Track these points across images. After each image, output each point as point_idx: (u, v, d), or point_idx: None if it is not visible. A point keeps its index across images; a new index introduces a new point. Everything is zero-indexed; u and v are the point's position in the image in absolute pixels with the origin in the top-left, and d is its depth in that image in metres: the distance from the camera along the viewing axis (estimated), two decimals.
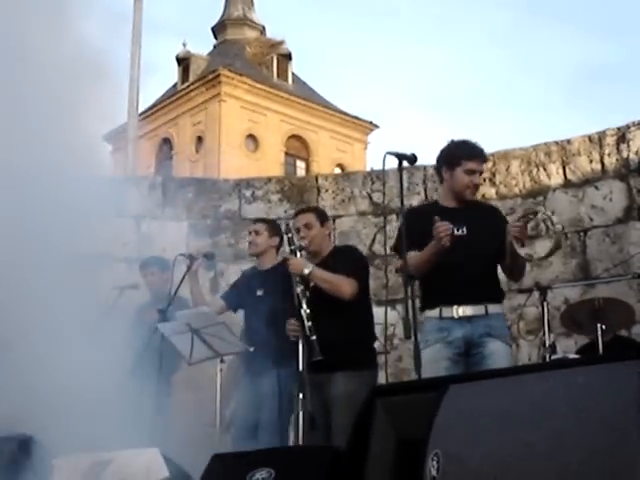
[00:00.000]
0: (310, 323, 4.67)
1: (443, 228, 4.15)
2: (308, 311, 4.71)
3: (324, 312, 4.75)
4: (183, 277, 5.90)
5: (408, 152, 4.19)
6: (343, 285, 4.88)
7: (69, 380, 6.01)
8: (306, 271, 4.82)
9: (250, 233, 5.86)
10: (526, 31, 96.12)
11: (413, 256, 4.27)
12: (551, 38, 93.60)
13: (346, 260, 5.09)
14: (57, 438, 4.85)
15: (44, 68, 5.49)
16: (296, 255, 4.96)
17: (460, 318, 4.32)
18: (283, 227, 5.29)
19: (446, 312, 4.35)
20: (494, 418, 2.68)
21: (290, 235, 5.03)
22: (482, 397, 2.77)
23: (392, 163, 4.26)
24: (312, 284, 4.89)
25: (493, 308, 4.38)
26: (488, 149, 4.88)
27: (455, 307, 4.33)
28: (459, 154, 4.56)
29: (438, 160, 4.69)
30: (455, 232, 4.28)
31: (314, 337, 4.63)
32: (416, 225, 4.32)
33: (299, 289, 4.80)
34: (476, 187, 4.60)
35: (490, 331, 4.32)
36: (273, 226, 5.94)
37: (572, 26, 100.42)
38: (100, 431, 5.54)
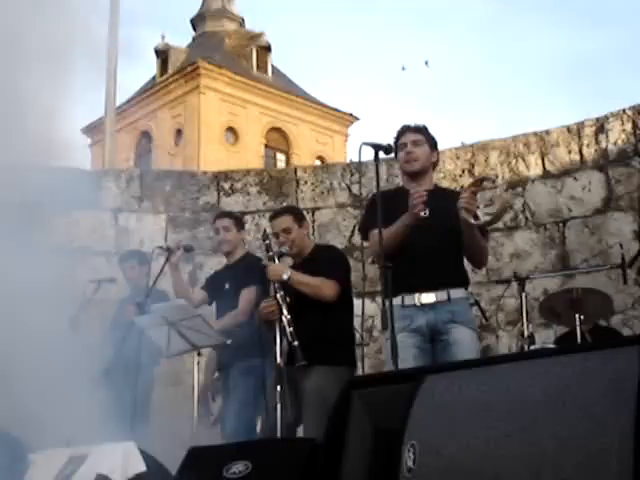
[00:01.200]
0: (292, 329, 4.63)
1: (418, 195, 4.13)
2: (289, 317, 4.67)
3: (301, 310, 4.73)
4: (161, 270, 5.87)
5: (384, 142, 4.16)
6: (324, 288, 4.85)
7: (46, 376, 6.00)
8: (285, 277, 4.78)
9: (218, 230, 5.84)
10: (506, 23, 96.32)
11: (384, 231, 4.15)
12: (531, 30, 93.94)
13: (327, 261, 5.05)
14: (34, 433, 4.83)
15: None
16: (274, 261, 4.92)
17: (423, 305, 4.26)
18: (261, 234, 5.28)
19: (408, 300, 4.29)
20: (470, 408, 2.66)
21: (267, 242, 5.00)
22: (458, 387, 2.75)
23: (370, 154, 4.24)
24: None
25: (455, 293, 4.30)
26: (468, 140, 4.90)
27: (417, 294, 4.28)
28: (396, 137, 4.63)
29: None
30: (423, 214, 4.22)
31: (296, 343, 4.59)
32: (382, 205, 4.20)
33: (279, 295, 4.75)
34: (410, 154, 4.52)
35: (454, 317, 4.25)
36: (238, 219, 6.03)
37: (551, 17, 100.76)
38: (78, 426, 5.53)
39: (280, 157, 40.51)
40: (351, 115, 43.23)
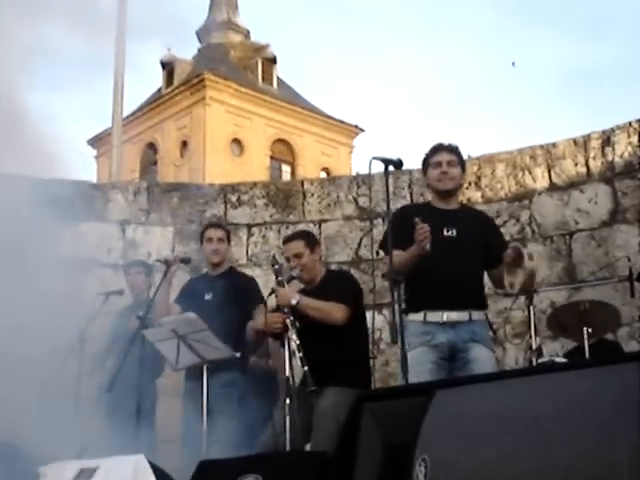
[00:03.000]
0: (301, 354, 4.64)
1: (422, 231, 4.15)
2: (298, 342, 4.68)
3: (315, 333, 4.76)
4: (160, 282, 5.90)
5: (394, 157, 4.19)
6: (333, 312, 4.84)
7: (51, 388, 6.02)
8: (294, 302, 4.80)
9: (212, 240, 5.95)
10: (510, 35, 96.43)
11: (397, 255, 4.24)
12: (535, 40, 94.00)
13: (338, 286, 5.06)
14: (42, 446, 4.84)
15: None
16: (283, 286, 4.93)
17: (444, 323, 4.32)
18: (270, 259, 5.32)
19: (430, 317, 4.34)
20: (481, 423, 2.67)
21: (277, 266, 5.02)
22: (469, 402, 2.76)
23: (378, 168, 4.27)
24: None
25: (477, 315, 4.40)
26: (474, 153, 4.95)
27: (440, 312, 4.33)
28: (426, 156, 4.71)
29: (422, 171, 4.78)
30: (445, 232, 4.34)
31: (306, 368, 4.60)
32: (403, 225, 4.33)
33: (288, 320, 4.75)
34: (445, 174, 4.60)
35: (474, 337, 4.34)
36: (229, 232, 6.21)
37: (556, 29, 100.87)
38: (85, 439, 5.54)
39: (285, 169, 40.55)
40: (356, 127, 43.28)
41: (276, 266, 5.02)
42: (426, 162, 4.67)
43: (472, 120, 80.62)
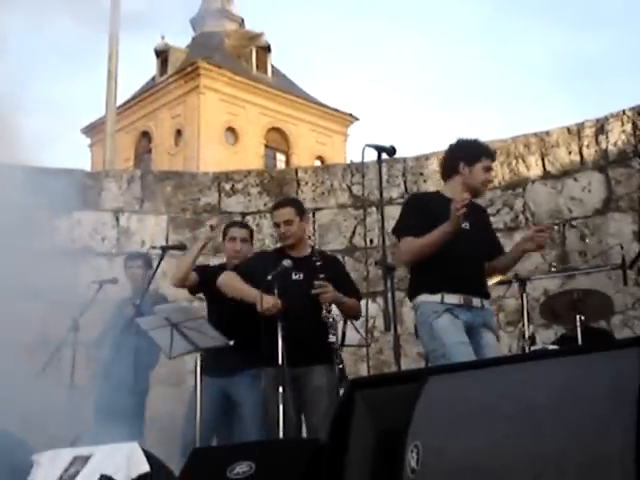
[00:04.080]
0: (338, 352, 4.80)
1: (462, 198, 4.23)
2: (339, 339, 4.89)
3: (308, 313, 4.84)
4: (155, 269, 5.90)
5: (387, 144, 4.19)
6: (358, 310, 5.11)
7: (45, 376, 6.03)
8: (344, 299, 4.98)
9: (234, 239, 5.76)
10: (503, 24, 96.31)
11: (418, 239, 4.38)
12: (529, 31, 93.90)
13: (348, 281, 5.24)
14: (36, 434, 4.85)
15: None
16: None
17: (461, 305, 4.38)
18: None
19: (449, 298, 4.38)
20: (473, 409, 2.68)
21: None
22: (461, 388, 2.77)
23: (371, 155, 4.28)
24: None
25: (487, 303, 4.53)
26: None
27: (458, 295, 4.39)
28: (479, 151, 4.72)
29: (454, 155, 4.75)
30: (464, 225, 4.38)
31: (341, 365, 4.72)
32: (418, 212, 4.50)
33: (335, 316, 4.87)
34: (489, 182, 4.87)
35: (487, 323, 4.46)
36: (252, 232, 6.07)
37: (549, 19, 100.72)
38: (78, 427, 5.55)
39: (280, 157, 40.51)
40: (351, 115, 43.24)
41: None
42: (477, 157, 4.67)
43: (466, 109, 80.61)
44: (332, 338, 4.80)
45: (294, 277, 5.00)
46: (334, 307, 4.92)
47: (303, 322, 4.82)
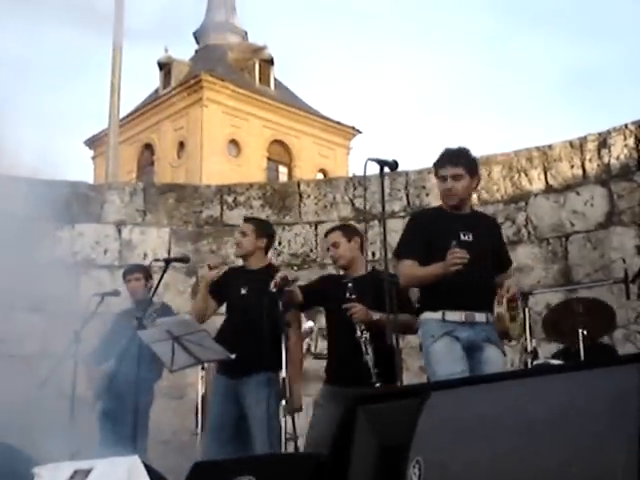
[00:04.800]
0: (376, 370, 4.71)
1: (460, 255, 4.17)
2: (373, 357, 4.76)
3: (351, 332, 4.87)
4: (158, 282, 5.89)
5: (390, 158, 4.19)
6: (413, 325, 4.84)
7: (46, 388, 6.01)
8: (375, 317, 4.80)
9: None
10: (506, 37, 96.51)
11: (413, 266, 4.39)
12: (531, 44, 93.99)
13: (406, 297, 5.00)
14: (37, 447, 4.84)
15: None
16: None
17: (464, 323, 4.33)
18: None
19: (450, 316, 4.34)
20: (475, 425, 2.67)
21: (350, 285, 4.99)
22: (463, 403, 2.76)
23: (374, 169, 4.27)
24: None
25: (491, 317, 4.38)
26: None
27: (460, 312, 4.34)
28: (436, 162, 4.62)
29: None
30: (462, 237, 4.35)
31: (378, 384, 4.66)
32: (419, 233, 4.48)
33: (364, 337, 4.82)
34: (449, 191, 4.52)
35: (490, 337, 4.37)
36: (261, 226, 5.85)
37: (553, 31, 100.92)
38: (80, 440, 5.53)
39: (282, 170, 40.54)
40: (353, 128, 43.28)
41: (349, 284, 5.00)
42: (435, 170, 4.62)
43: (469, 122, 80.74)
44: (365, 357, 4.78)
45: (347, 296, 4.99)
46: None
47: (346, 341, 4.89)
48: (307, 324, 6.03)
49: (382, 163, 4.15)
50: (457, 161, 4.52)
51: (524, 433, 2.54)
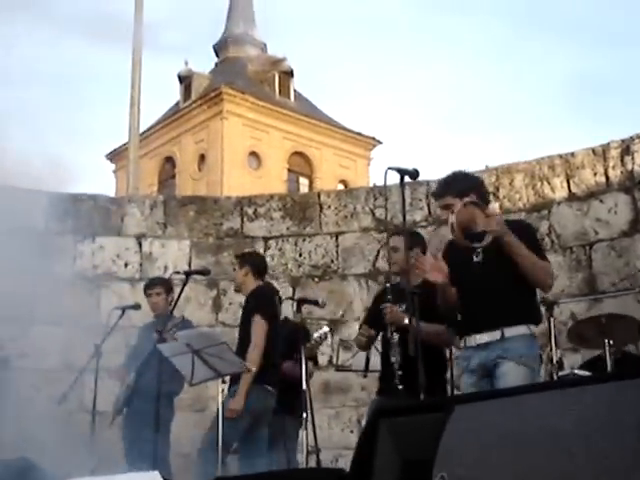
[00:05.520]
0: (400, 372, 4.76)
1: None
2: (399, 360, 4.80)
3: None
4: (179, 295, 5.86)
5: (410, 167, 4.13)
6: (444, 339, 4.94)
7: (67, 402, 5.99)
8: (406, 321, 4.73)
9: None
10: (525, 45, 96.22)
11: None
12: (550, 52, 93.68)
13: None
14: (58, 461, 4.81)
15: None
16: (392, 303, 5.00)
17: (478, 346, 4.33)
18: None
19: (468, 341, 4.39)
20: (501, 439, 2.60)
21: (388, 285, 5.09)
22: (489, 417, 2.69)
23: (394, 178, 4.22)
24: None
25: (510, 331, 4.29)
26: (491, 163, 4.86)
27: (473, 336, 4.35)
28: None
29: None
30: (474, 259, 4.33)
31: (401, 386, 4.72)
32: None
33: (394, 339, 4.88)
34: (447, 223, 4.52)
35: (504, 354, 4.27)
36: (243, 258, 6.18)
37: (570, 40, 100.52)
38: (100, 454, 5.50)
39: (303, 181, 40.55)
40: (374, 139, 43.26)
41: (387, 284, 5.09)
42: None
43: (490, 131, 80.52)
44: (392, 359, 4.86)
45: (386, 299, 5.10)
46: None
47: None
48: (321, 330, 5.98)
49: (403, 172, 4.10)
50: (441, 192, 4.60)
51: (551, 449, 2.47)
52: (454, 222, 4.27)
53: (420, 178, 4.50)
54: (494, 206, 4.64)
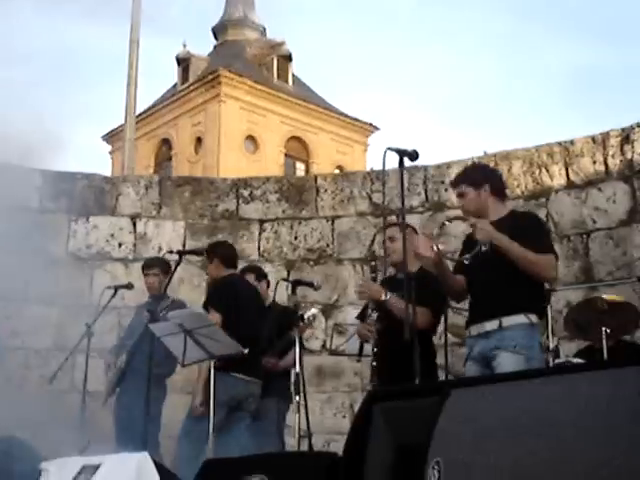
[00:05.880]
0: (376, 350, 4.83)
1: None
2: (375, 337, 4.87)
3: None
4: (172, 274, 5.81)
5: (410, 148, 4.06)
6: (428, 321, 4.91)
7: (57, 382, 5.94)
8: (383, 297, 4.86)
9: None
10: (524, 34, 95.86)
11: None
12: (551, 44, 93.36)
13: (423, 288, 4.82)
14: (46, 441, 4.77)
15: None
16: (375, 281, 5.09)
17: (479, 335, 4.37)
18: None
19: (471, 330, 4.44)
20: (498, 424, 2.57)
21: (373, 263, 5.22)
22: (484, 403, 2.66)
23: (393, 162, 4.15)
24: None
25: (509, 320, 4.30)
26: (489, 149, 4.84)
27: (475, 325, 4.40)
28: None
29: None
30: (482, 249, 4.32)
31: (375, 363, 4.80)
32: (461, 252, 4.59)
33: (373, 317, 4.91)
34: (464, 209, 4.62)
35: (501, 344, 4.27)
36: (210, 249, 6.09)
37: (569, 31, 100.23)
38: (90, 434, 5.46)
39: (299, 166, 40.44)
40: (371, 125, 43.14)
41: (372, 262, 5.20)
42: None
43: (488, 118, 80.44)
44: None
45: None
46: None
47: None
48: (309, 312, 5.90)
49: (402, 153, 4.03)
50: (457, 181, 4.68)
51: (547, 435, 2.46)
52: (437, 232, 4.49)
53: (418, 163, 4.46)
54: (507, 204, 4.63)
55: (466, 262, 4.37)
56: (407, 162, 4.13)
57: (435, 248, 4.29)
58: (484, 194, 4.54)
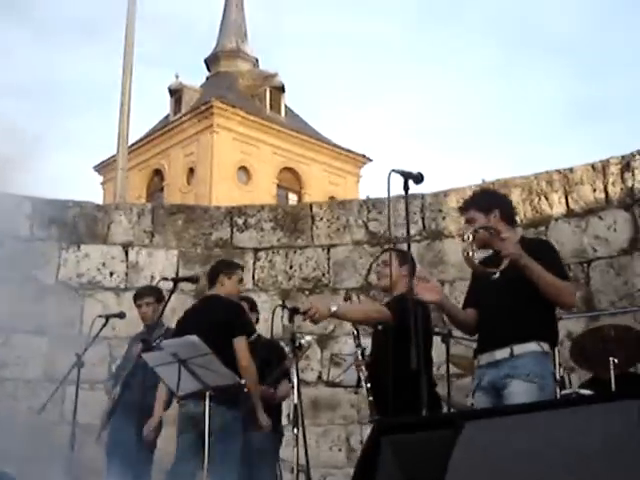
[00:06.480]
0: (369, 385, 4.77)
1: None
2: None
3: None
4: (166, 302, 5.68)
5: (415, 171, 3.93)
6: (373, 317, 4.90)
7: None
8: (334, 308, 4.66)
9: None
10: (519, 65, 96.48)
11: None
12: (548, 74, 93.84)
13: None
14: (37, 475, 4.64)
15: None
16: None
17: (489, 364, 4.28)
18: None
19: (480, 360, 4.36)
20: (514, 458, 2.45)
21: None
22: (501, 435, 2.52)
23: (397, 188, 4.02)
24: None
25: (520, 348, 4.20)
26: (487, 178, 4.78)
27: (485, 354, 4.32)
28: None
29: None
30: (493, 277, 4.23)
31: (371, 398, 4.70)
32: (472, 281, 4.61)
33: (359, 351, 4.89)
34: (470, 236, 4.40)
35: (512, 372, 4.17)
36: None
37: (564, 62, 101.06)
38: (80, 469, 5.30)
39: (292, 197, 40.41)
40: (364, 156, 43.23)
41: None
42: None
43: (483, 150, 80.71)
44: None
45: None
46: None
47: None
48: (303, 340, 5.76)
49: (407, 175, 3.89)
50: (466, 206, 4.62)
51: (567, 467, 2.33)
52: (470, 238, 4.20)
53: (415, 191, 4.36)
54: (518, 230, 4.53)
55: (494, 277, 4.19)
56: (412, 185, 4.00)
57: (468, 254, 4.18)
58: (494, 220, 4.42)
